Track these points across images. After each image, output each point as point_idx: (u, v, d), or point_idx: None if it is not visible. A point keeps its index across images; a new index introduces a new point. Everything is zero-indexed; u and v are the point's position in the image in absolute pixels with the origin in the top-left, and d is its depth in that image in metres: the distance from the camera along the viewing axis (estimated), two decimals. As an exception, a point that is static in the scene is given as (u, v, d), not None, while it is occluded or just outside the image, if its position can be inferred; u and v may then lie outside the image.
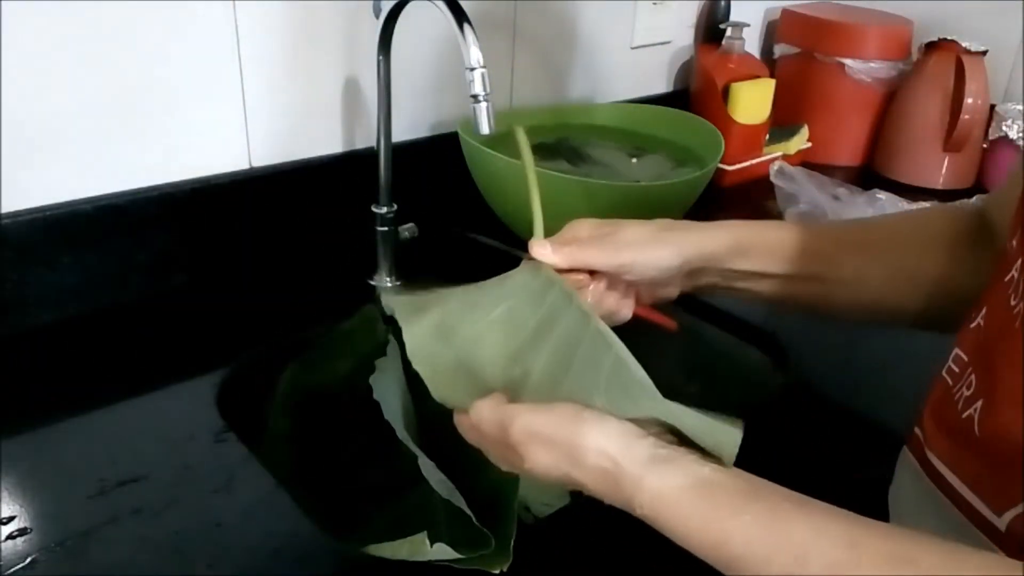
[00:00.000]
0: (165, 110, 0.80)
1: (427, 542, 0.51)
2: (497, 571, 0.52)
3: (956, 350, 0.51)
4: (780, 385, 0.82)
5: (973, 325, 0.50)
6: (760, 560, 0.41)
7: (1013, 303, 0.44)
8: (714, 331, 0.89)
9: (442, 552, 0.52)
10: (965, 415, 0.47)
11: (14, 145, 0.73)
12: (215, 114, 0.84)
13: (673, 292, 0.62)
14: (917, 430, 0.54)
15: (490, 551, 0.53)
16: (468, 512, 0.55)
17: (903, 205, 1.10)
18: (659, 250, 0.58)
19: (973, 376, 0.47)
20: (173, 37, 0.78)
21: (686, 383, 0.90)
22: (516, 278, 0.55)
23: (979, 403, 0.46)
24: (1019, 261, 0.45)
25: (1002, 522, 0.43)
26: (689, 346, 0.91)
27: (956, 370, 0.50)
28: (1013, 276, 0.45)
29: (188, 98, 0.82)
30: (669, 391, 0.48)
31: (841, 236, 0.64)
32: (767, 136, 1.29)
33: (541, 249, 0.56)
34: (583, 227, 0.59)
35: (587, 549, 0.59)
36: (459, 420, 0.53)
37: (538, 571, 0.56)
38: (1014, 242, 0.47)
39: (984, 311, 0.49)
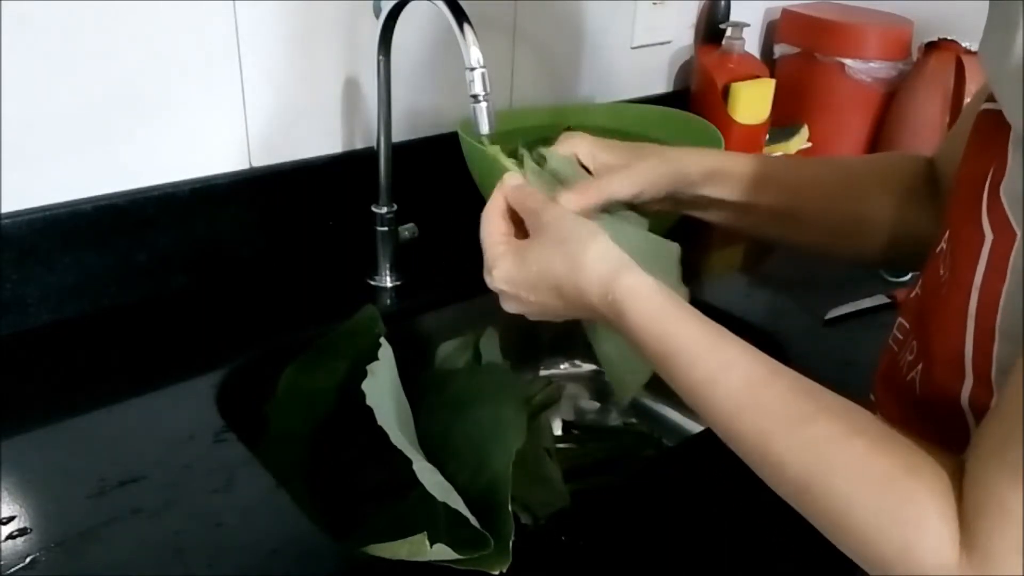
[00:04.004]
0: (165, 110, 0.80)
1: (427, 543, 0.51)
2: (496, 572, 0.52)
3: (900, 319, 0.55)
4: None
5: (913, 295, 0.53)
6: (691, 359, 0.48)
7: (942, 272, 0.48)
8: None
9: (442, 553, 0.52)
10: (908, 378, 0.50)
11: (14, 145, 0.73)
12: (215, 114, 0.84)
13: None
14: (872, 396, 0.57)
15: (489, 552, 0.53)
16: (467, 513, 0.55)
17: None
18: (632, 180, 0.62)
19: (915, 342, 0.51)
20: (173, 37, 0.78)
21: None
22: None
23: (919, 367, 0.49)
24: (947, 232, 0.48)
25: None
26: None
27: (900, 337, 0.54)
28: (942, 247, 0.49)
29: (188, 98, 0.82)
30: (670, 390, 0.49)
31: (805, 173, 0.67)
32: (767, 136, 1.29)
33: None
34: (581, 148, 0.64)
35: (587, 549, 0.59)
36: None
37: (538, 571, 0.56)
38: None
39: (921, 281, 0.52)
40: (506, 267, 0.56)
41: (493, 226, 0.59)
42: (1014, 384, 0.38)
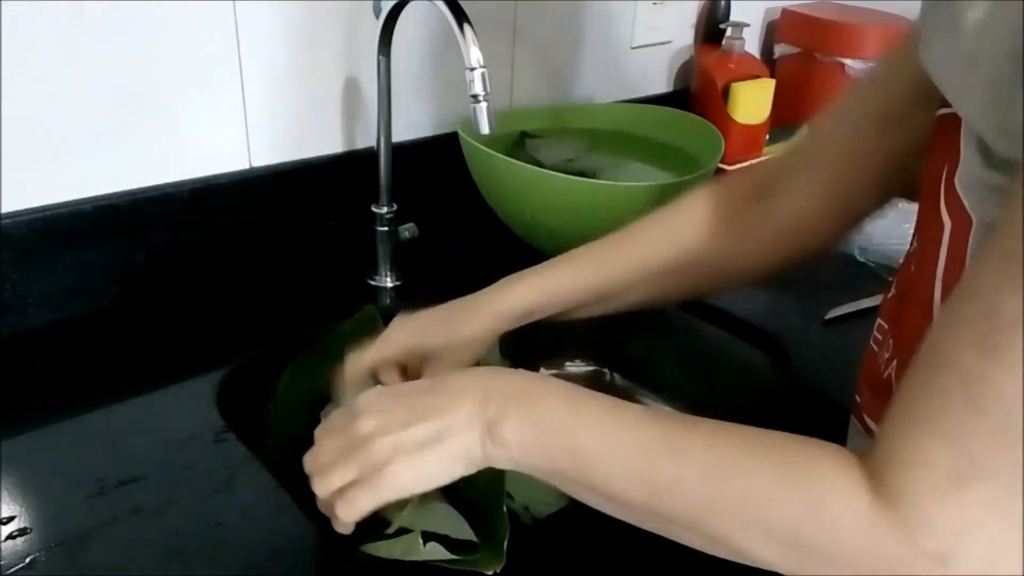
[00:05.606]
0: (165, 110, 0.81)
1: (420, 541, 0.52)
2: (490, 572, 0.52)
3: (879, 320, 0.57)
4: (780, 385, 0.82)
5: (890, 295, 0.55)
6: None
7: (913, 270, 0.50)
8: (714, 331, 0.89)
9: (435, 552, 0.52)
10: (886, 375, 0.52)
11: (14, 145, 0.73)
12: (215, 114, 0.84)
13: None
14: (857, 396, 0.58)
15: (484, 553, 0.53)
16: (458, 516, 0.55)
17: (903, 205, 1.10)
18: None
19: (891, 339, 0.53)
20: (173, 37, 0.78)
21: (686, 383, 0.90)
22: None
23: (894, 362, 0.51)
24: (916, 236, 0.51)
25: None
26: (689, 346, 0.91)
27: (879, 337, 0.56)
28: (913, 246, 0.52)
29: (188, 98, 0.82)
30: (670, 390, 0.49)
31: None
32: (767, 136, 1.29)
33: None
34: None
35: (584, 550, 0.59)
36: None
37: (537, 571, 0.56)
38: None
39: (896, 281, 0.55)
40: (374, 392, 0.53)
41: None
42: (930, 338, 0.39)
